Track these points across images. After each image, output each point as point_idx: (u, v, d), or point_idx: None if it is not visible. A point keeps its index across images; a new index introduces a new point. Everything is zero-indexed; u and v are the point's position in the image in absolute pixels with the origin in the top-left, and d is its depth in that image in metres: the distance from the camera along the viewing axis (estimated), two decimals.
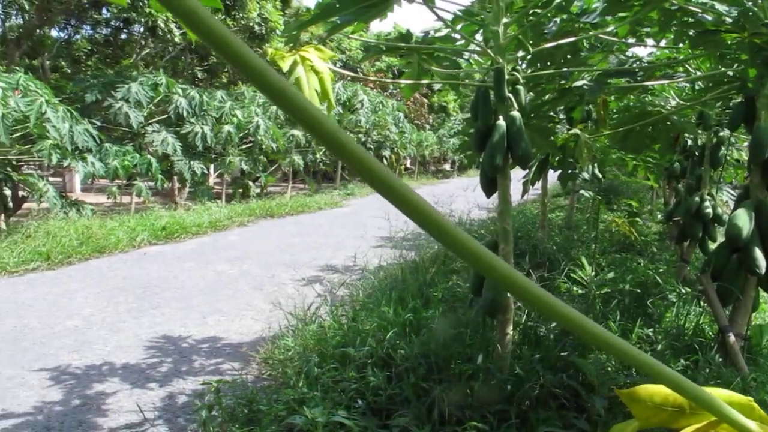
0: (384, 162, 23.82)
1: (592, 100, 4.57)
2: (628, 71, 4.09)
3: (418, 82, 3.95)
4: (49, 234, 9.23)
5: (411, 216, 0.44)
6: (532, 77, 3.98)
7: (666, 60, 4.64)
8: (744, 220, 3.74)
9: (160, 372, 4.72)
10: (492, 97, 3.51)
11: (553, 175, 7.74)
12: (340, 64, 25.57)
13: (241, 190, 16.12)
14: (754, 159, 3.71)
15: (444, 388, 3.37)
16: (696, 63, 4.76)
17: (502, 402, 3.36)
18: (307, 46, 2.77)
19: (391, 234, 8.68)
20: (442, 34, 4.01)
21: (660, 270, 6.48)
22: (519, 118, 3.42)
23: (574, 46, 3.84)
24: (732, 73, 4.01)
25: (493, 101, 3.52)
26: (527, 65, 4.26)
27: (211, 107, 14.34)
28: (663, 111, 4.69)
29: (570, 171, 5.87)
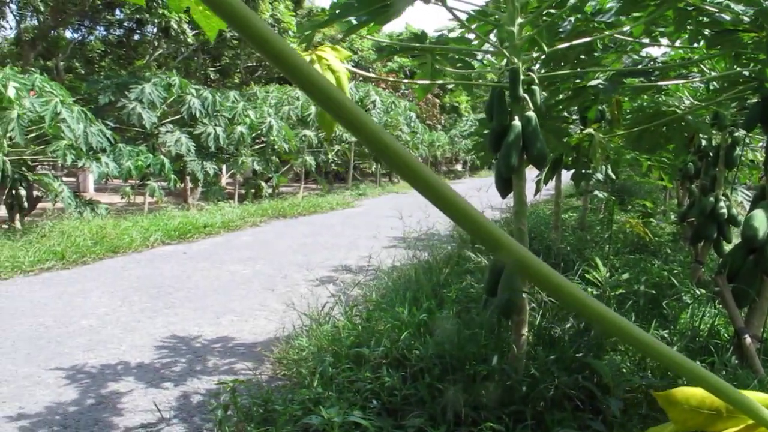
0: None
1: (607, 99, 4.55)
2: (643, 71, 4.07)
3: (432, 82, 3.94)
4: (64, 234, 9.28)
5: (452, 216, 0.44)
6: (547, 77, 3.97)
7: (680, 60, 4.61)
8: (761, 221, 3.72)
9: (174, 371, 4.74)
10: (507, 97, 3.51)
11: (566, 175, 7.72)
12: (352, 64, 25.57)
13: (253, 191, 16.16)
14: None
15: (459, 388, 3.36)
16: (711, 63, 4.73)
17: (517, 403, 3.35)
18: (322, 45, 2.77)
19: (405, 234, 8.67)
20: (456, 34, 4.00)
21: (674, 271, 6.45)
22: (534, 118, 3.41)
23: (588, 47, 3.83)
24: (748, 73, 3.98)
25: (509, 101, 3.51)
26: (541, 65, 4.25)
27: (223, 108, 14.38)
28: (677, 111, 4.66)
29: (584, 171, 5.85)
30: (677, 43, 4.45)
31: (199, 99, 13.77)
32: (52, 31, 18.07)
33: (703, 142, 6.43)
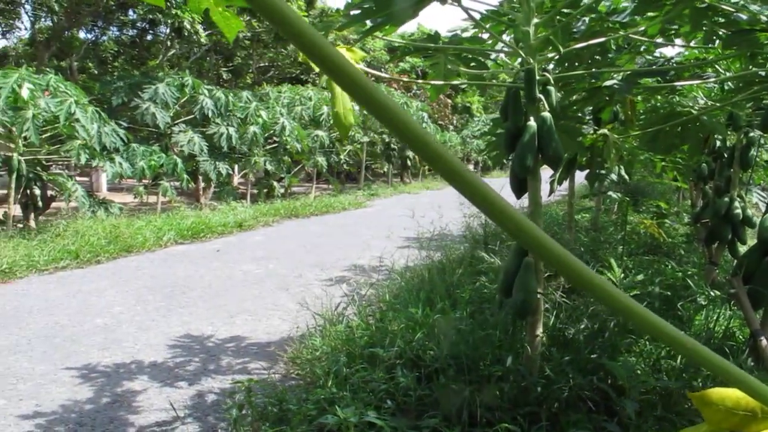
0: (408, 162, 23.90)
1: (621, 99, 4.53)
2: (659, 71, 4.05)
3: (446, 82, 3.94)
4: (78, 233, 9.35)
5: (492, 216, 0.44)
6: (562, 77, 3.96)
7: (695, 60, 4.59)
8: None
9: (188, 370, 4.76)
10: (522, 97, 3.50)
11: (578, 175, 7.69)
12: (365, 65, 25.59)
13: (266, 191, 16.19)
14: None
15: (473, 389, 3.36)
16: (726, 63, 4.70)
17: (532, 404, 3.35)
18: (337, 47, 2.78)
19: (419, 234, 8.66)
20: (469, 34, 4.00)
21: (688, 272, 6.41)
22: (550, 118, 3.40)
23: (602, 47, 3.82)
24: (764, 73, 3.96)
25: (524, 102, 3.51)
26: (555, 65, 4.24)
27: (236, 108, 14.42)
28: (692, 112, 4.64)
29: (599, 172, 5.83)
30: (692, 43, 4.43)
31: (212, 99, 13.82)
32: (66, 32, 18.18)
33: (718, 143, 6.39)
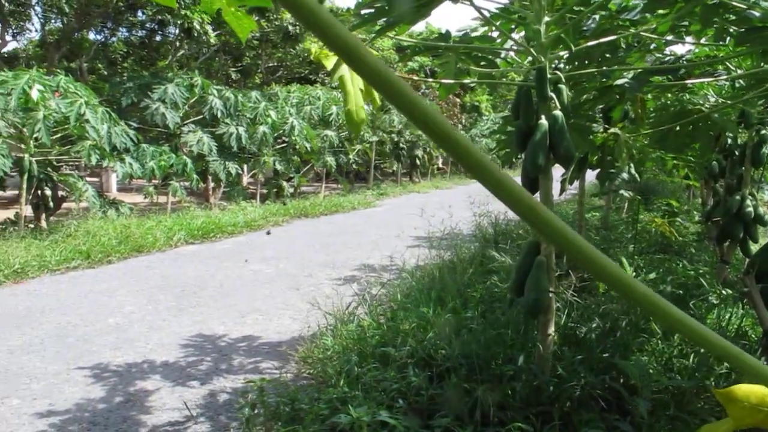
0: (417, 162, 23.88)
1: (632, 98, 4.51)
2: (669, 68, 4.03)
3: (457, 81, 3.94)
4: (89, 233, 9.39)
5: (522, 215, 0.45)
6: (572, 76, 3.95)
7: (706, 58, 4.57)
8: None
9: (200, 370, 4.78)
10: (534, 96, 3.49)
11: (589, 174, 7.66)
12: None
13: (275, 190, 16.21)
14: None
15: (485, 388, 3.36)
16: (737, 60, 4.67)
17: (544, 403, 3.34)
18: None
19: (429, 234, 8.65)
20: (479, 33, 3.99)
21: (700, 271, 6.39)
22: (561, 117, 3.39)
23: (612, 45, 3.80)
24: None
25: (535, 100, 3.50)
26: (565, 64, 4.23)
27: (245, 108, 14.44)
28: (703, 109, 4.61)
29: (609, 171, 5.81)
30: (702, 40, 4.41)
31: (221, 99, 13.85)
32: (76, 33, 18.26)
33: (729, 141, 6.37)
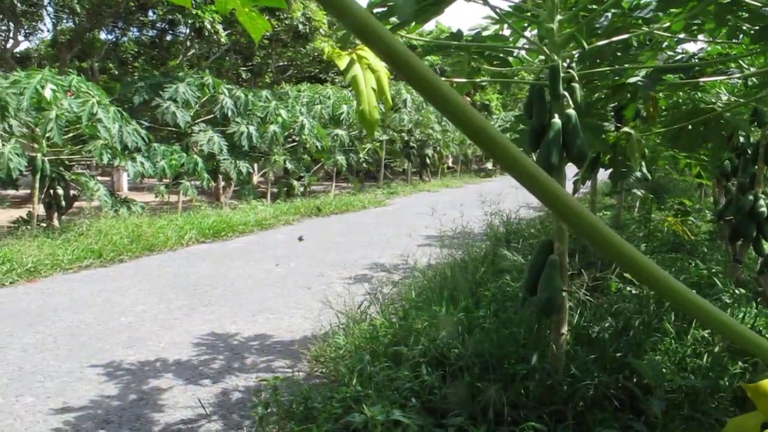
0: (427, 161, 23.86)
1: (645, 96, 4.49)
2: (682, 67, 4.01)
3: (470, 80, 3.93)
4: (101, 232, 9.43)
5: (560, 215, 0.44)
6: (585, 74, 3.94)
7: (719, 56, 4.54)
8: None
9: (212, 369, 4.79)
10: (547, 94, 3.48)
11: (601, 174, 7.64)
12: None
13: (286, 189, 16.23)
14: None
15: (499, 387, 3.35)
16: (750, 59, 4.65)
17: (557, 402, 3.34)
18: (359, 49, 2.78)
19: (440, 232, 8.64)
20: (490, 32, 3.98)
21: (713, 270, 6.36)
22: (574, 115, 3.39)
23: (624, 43, 3.79)
24: None
25: (548, 99, 3.49)
26: (577, 62, 4.22)
27: (256, 107, 14.46)
28: (715, 108, 4.59)
29: (622, 170, 5.79)
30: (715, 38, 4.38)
31: (232, 98, 13.88)
32: (88, 33, 18.33)
33: (741, 139, 6.33)
